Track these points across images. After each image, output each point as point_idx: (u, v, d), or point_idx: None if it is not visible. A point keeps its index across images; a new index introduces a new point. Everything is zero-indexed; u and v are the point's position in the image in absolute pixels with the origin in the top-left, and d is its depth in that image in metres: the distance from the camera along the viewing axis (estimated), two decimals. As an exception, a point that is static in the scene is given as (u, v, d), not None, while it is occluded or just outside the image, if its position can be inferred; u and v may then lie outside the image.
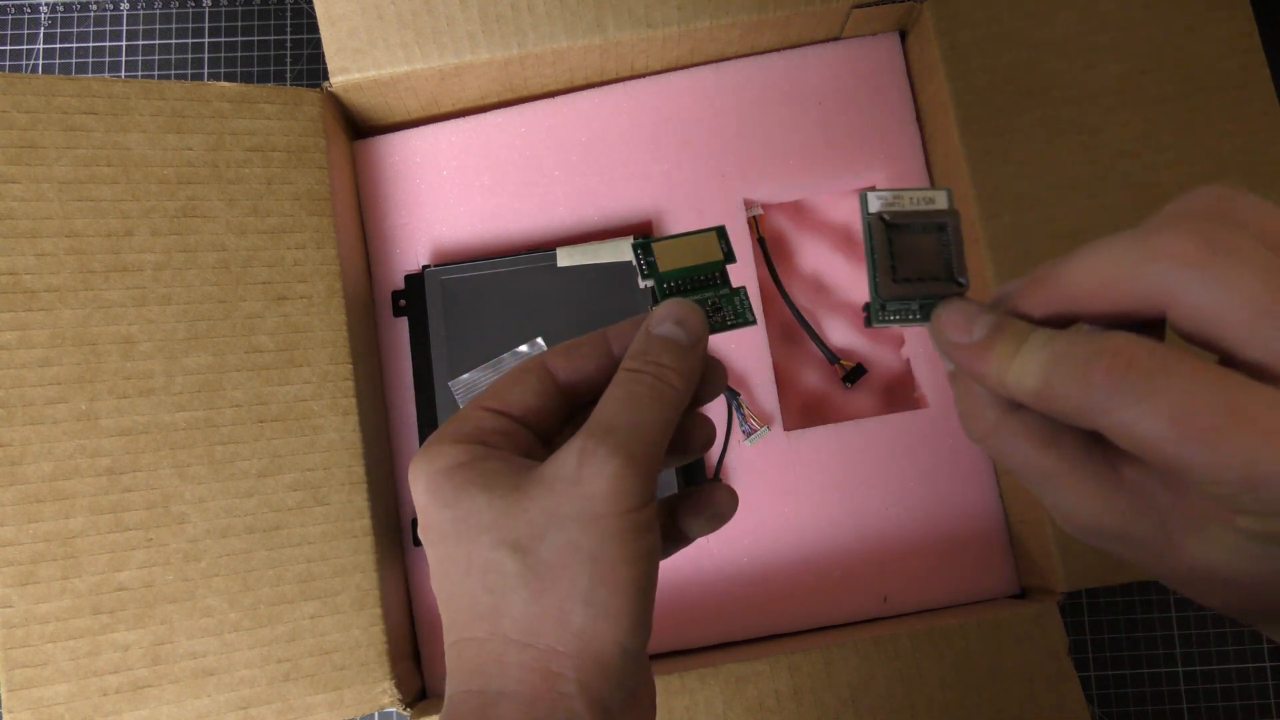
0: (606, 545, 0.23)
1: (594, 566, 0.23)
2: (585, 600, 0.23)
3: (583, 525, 0.23)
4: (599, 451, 0.24)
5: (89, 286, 0.43)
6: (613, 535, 0.23)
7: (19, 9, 0.59)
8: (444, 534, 0.25)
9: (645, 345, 0.26)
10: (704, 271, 0.29)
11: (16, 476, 0.41)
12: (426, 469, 0.25)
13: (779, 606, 0.50)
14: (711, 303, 0.29)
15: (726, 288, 0.29)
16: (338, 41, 0.47)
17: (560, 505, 0.24)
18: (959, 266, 0.25)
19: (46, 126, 0.43)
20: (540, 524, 0.24)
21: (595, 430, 0.24)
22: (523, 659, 0.24)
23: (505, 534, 0.24)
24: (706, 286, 0.29)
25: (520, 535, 0.24)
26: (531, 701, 0.23)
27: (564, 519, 0.24)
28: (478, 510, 0.24)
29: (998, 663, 0.44)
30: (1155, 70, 0.47)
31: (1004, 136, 0.47)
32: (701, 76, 0.53)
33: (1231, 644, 0.53)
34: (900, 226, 0.25)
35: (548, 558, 0.24)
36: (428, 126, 0.53)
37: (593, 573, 0.23)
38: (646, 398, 0.25)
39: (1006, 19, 0.48)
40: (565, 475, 0.24)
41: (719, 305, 0.29)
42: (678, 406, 0.26)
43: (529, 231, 0.53)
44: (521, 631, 0.24)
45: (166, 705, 0.42)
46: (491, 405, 0.27)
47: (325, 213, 0.47)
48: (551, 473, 0.24)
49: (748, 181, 0.53)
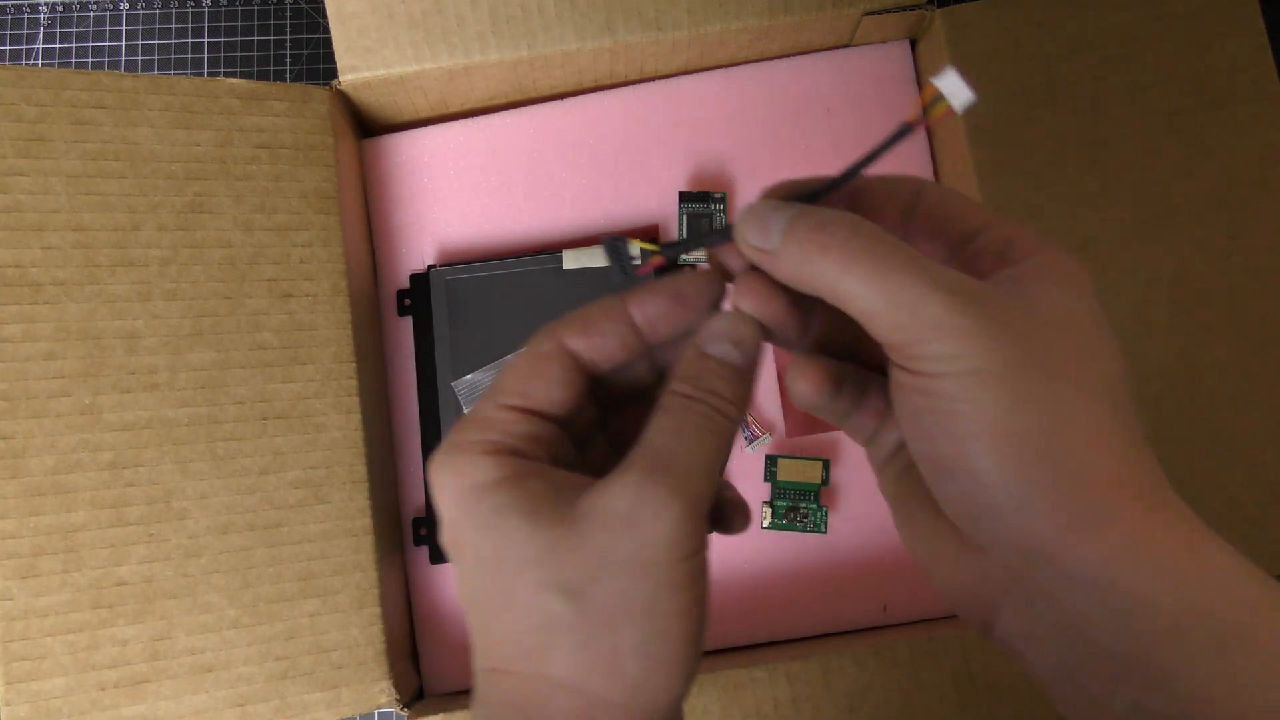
0: (662, 595, 0.22)
1: (649, 618, 0.22)
2: (639, 653, 0.22)
3: (639, 573, 0.22)
4: (658, 492, 0.22)
5: (95, 280, 0.43)
6: (669, 585, 0.22)
7: (19, 9, 0.59)
8: (481, 561, 0.23)
9: (699, 369, 0.24)
10: None
11: (19, 469, 0.41)
12: (457, 483, 0.23)
13: (778, 613, 0.50)
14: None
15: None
16: (347, 40, 0.47)
17: (614, 549, 0.22)
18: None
19: (55, 120, 0.43)
20: (593, 567, 0.22)
21: (651, 466, 0.23)
22: (570, 705, 0.22)
23: (554, 574, 0.22)
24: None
25: (570, 578, 0.22)
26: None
27: (618, 564, 0.22)
28: (520, 543, 0.23)
29: (997, 674, 0.44)
30: (1165, 83, 0.47)
31: (1013, 147, 0.47)
32: (711, 81, 0.53)
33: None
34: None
35: (600, 604, 0.22)
36: (436, 126, 0.53)
37: (647, 625, 0.22)
38: (704, 431, 0.23)
39: (1017, 29, 0.48)
40: (620, 514, 0.22)
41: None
42: (731, 440, 0.24)
43: (535, 233, 0.53)
44: (570, 677, 0.22)
45: (164, 701, 0.42)
46: (518, 404, 0.24)
47: (332, 211, 0.47)
48: (604, 508, 0.22)
49: (755, 187, 0.53)
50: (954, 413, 0.21)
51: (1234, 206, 0.46)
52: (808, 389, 0.25)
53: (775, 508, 0.49)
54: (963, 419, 0.21)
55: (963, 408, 0.21)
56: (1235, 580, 0.21)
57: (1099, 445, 0.21)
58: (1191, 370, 0.45)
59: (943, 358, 0.21)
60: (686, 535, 0.22)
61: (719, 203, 0.51)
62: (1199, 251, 0.46)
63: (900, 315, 0.21)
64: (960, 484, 0.22)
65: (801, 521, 0.49)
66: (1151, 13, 0.47)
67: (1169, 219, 0.46)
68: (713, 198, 0.51)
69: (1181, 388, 0.45)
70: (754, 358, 0.25)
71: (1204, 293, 0.46)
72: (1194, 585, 0.21)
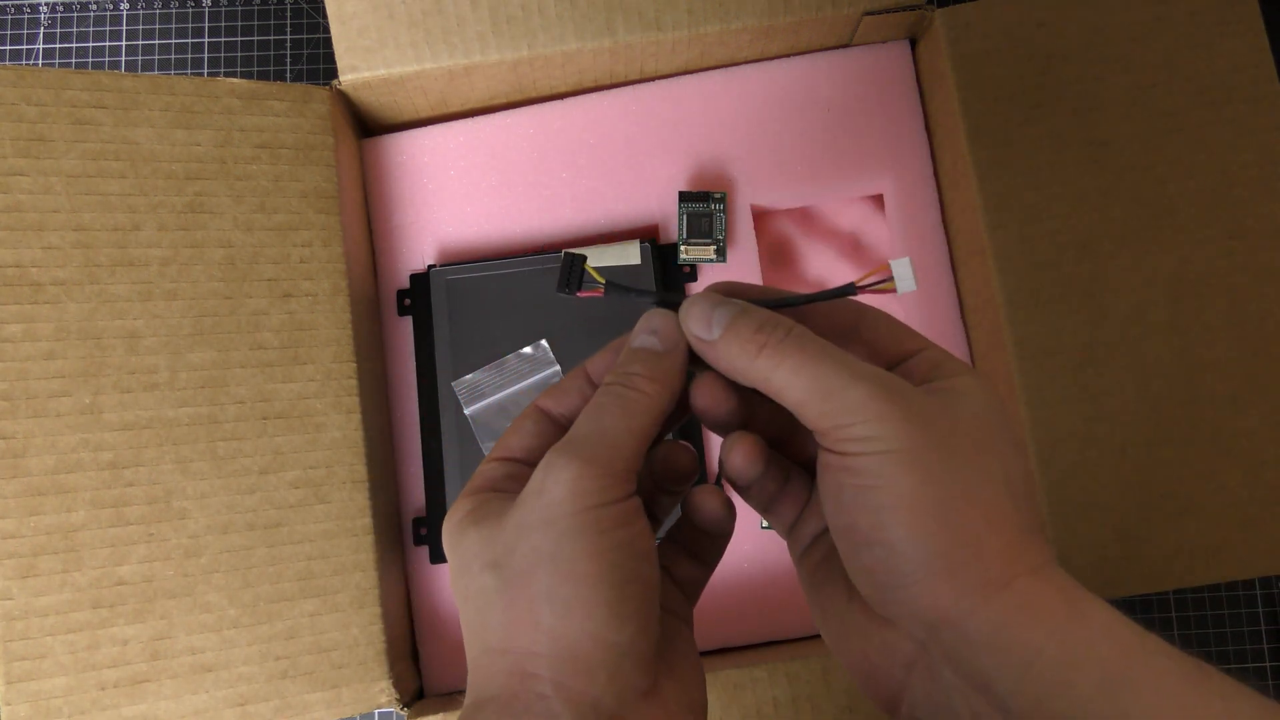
0: (564, 542, 0.24)
1: (555, 564, 0.24)
2: (549, 598, 0.24)
3: (544, 527, 0.25)
4: (558, 461, 0.25)
5: (95, 280, 0.43)
6: (570, 533, 0.24)
7: (19, 9, 0.59)
8: (453, 576, 0.27)
9: (621, 360, 0.28)
10: None
11: (19, 469, 0.41)
12: (445, 527, 0.27)
13: (778, 613, 0.50)
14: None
15: None
16: (348, 40, 0.47)
17: (526, 517, 0.25)
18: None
19: (56, 120, 0.43)
20: (513, 538, 0.25)
21: (559, 444, 0.26)
22: (503, 665, 0.25)
23: (488, 556, 0.26)
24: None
25: (498, 553, 0.25)
26: (509, 703, 0.24)
27: (529, 527, 0.25)
28: (470, 543, 0.26)
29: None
30: (1165, 83, 0.47)
31: (1012, 146, 0.47)
32: (711, 81, 0.53)
33: (1234, 661, 0.53)
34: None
35: (518, 566, 0.25)
36: (436, 126, 0.53)
37: (554, 571, 0.24)
38: (610, 405, 0.27)
39: (1017, 29, 0.48)
40: (532, 488, 0.25)
41: None
42: (650, 411, 0.27)
43: (535, 233, 0.53)
44: (500, 639, 0.25)
45: (164, 700, 0.42)
46: (497, 455, 0.29)
47: (332, 210, 0.47)
48: (524, 491, 0.26)
49: (755, 187, 0.53)
50: (871, 487, 0.24)
51: (1234, 206, 0.46)
52: (740, 459, 0.28)
53: None
54: (879, 492, 0.24)
55: (879, 483, 0.24)
56: (1112, 631, 0.23)
57: (995, 523, 0.24)
58: (1191, 370, 0.45)
59: (863, 439, 0.24)
60: (586, 489, 0.25)
61: (719, 203, 0.51)
62: (1199, 251, 0.46)
63: (827, 403, 0.25)
64: (874, 553, 0.25)
65: None
66: (1151, 13, 0.47)
67: (1169, 219, 0.46)
68: (713, 198, 0.51)
69: (1181, 388, 0.45)
70: (671, 342, 0.28)
71: (1204, 293, 0.46)
72: (1077, 637, 0.23)
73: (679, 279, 0.51)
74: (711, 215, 0.51)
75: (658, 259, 0.50)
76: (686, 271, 0.52)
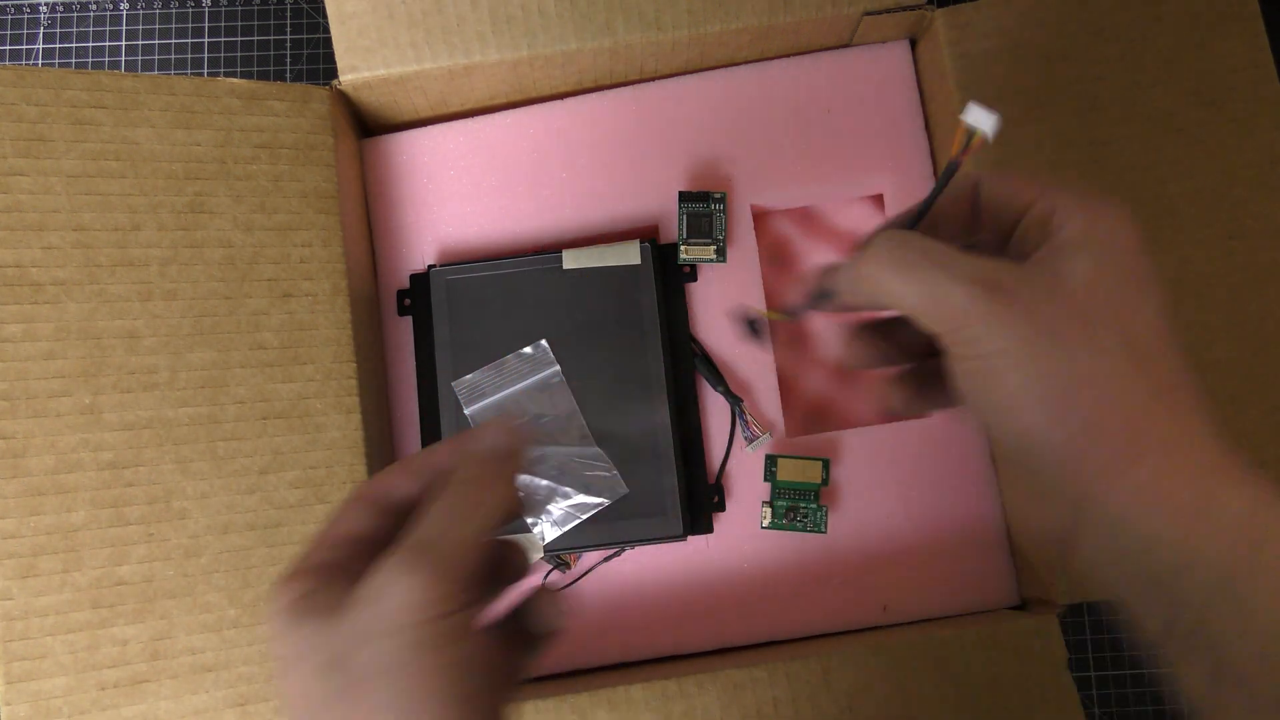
0: (408, 655, 0.23)
1: (399, 677, 0.23)
2: (389, 711, 0.23)
3: (383, 639, 0.24)
4: (399, 567, 0.24)
5: (95, 280, 0.43)
6: (413, 645, 0.23)
7: (19, 9, 0.59)
8: (278, 667, 0.26)
9: (465, 460, 0.28)
10: None
11: (19, 469, 0.41)
12: (274, 606, 0.26)
13: (778, 613, 0.50)
14: None
15: None
16: (347, 40, 0.47)
17: (368, 624, 0.24)
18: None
19: (55, 120, 0.43)
20: (350, 644, 0.24)
21: (403, 549, 0.25)
22: None
23: (321, 657, 0.24)
24: None
25: (332, 657, 0.24)
26: None
27: (368, 635, 0.24)
28: (303, 637, 0.25)
29: (997, 675, 0.44)
30: (1165, 83, 0.47)
31: (1012, 146, 0.47)
32: (711, 81, 0.53)
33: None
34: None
35: (356, 674, 0.24)
36: (436, 126, 0.53)
37: (397, 683, 0.23)
38: (452, 508, 0.26)
39: (1017, 29, 0.48)
40: (370, 594, 0.24)
41: None
42: (495, 516, 0.27)
43: (535, 233, 0.53)
44: None
45: (164, 700, 0.42)
46: (329, 538, 0.28)
47: (332, 210, 0.47)
48: (362, 591, 0.25)
49: (755, 187, 0.53)
50: (988, 386, 0.25)
51: (1234, 206, 0.46)
52: (901, 402, 0.31)
53: (775, 508, 0.49)
54: (995, 391, 0.25)
55: (993, 381, 0.25)
56: (1242, 519, 0.24)
57: (1114, 400, 0.24)
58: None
59: (973, 340, 0.25)
60: (429, 599, 0.24)
61: (719, 203, 0.51)
62: (1199, 251, 0.46)
63: (937, 309, 0.26)
64: (1014, 443, 0.26)
65: (801, 521, 0.49)
66: (1151, 13, 0.47)
67: (1169, 219, 0.46)
68: (713, 198, 0.51)
69: (1181, 388, 0.45)
70: (505, 449, 0.28)
71: (1204, 293, 0.46)
72: (1197, 526, 0.24)
73: (679, 279, 0.51)
74: (711, 215, 0.51)
75: (657, 259, 0.50)
76: (686, 271, 0.52)
